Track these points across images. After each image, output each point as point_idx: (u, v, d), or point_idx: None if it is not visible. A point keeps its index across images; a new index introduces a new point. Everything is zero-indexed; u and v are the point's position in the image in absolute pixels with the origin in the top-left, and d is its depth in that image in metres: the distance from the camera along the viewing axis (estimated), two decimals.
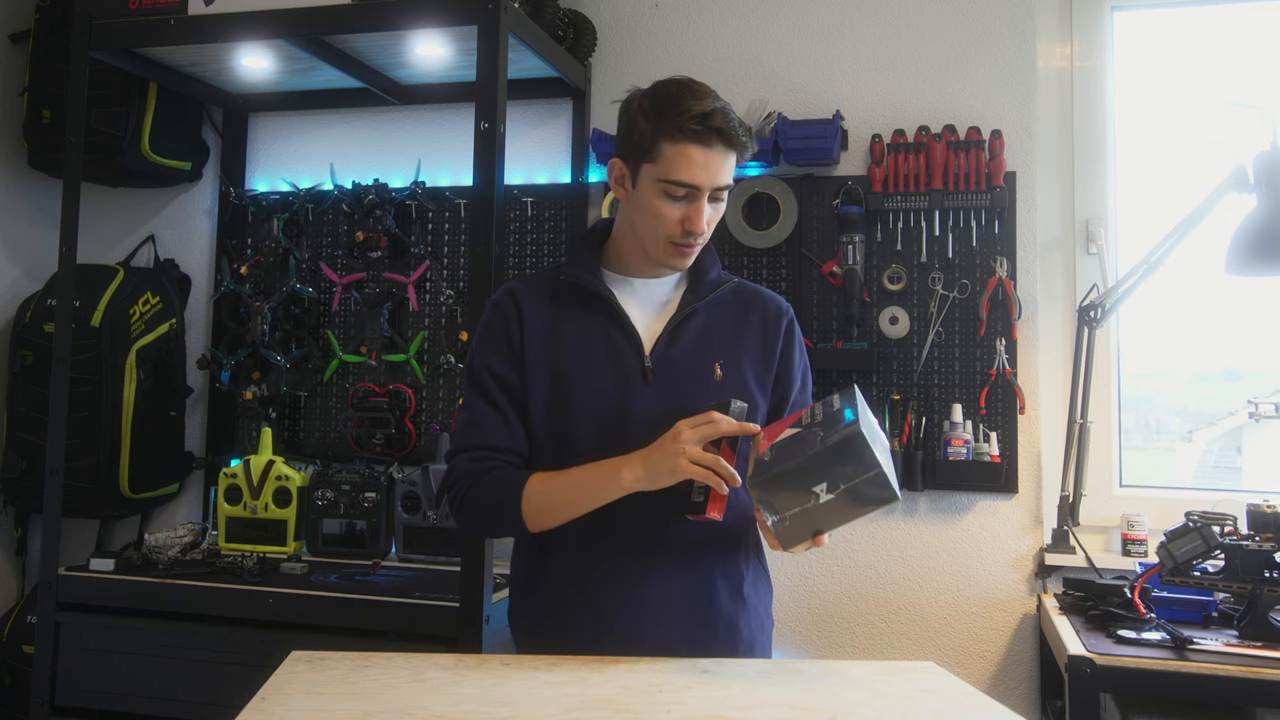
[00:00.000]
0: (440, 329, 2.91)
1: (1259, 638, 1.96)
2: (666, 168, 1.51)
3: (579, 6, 2.83)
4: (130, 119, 2.88)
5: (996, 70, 2.62)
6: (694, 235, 1.55)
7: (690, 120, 1.49)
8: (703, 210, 1.53)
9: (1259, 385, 2.60)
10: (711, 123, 1.49)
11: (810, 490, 1.36)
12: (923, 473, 2.56)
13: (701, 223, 1.54)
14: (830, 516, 1.38)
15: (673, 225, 1.54)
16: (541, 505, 1.54)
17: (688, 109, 1.50)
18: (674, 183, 1.51)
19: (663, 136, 1.51)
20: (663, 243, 1.57)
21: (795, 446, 1.39)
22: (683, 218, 1.54)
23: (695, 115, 1.49)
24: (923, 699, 1.34)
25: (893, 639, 2.60)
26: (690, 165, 1.50)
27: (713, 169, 1.51)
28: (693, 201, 1.53)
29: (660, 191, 1.53)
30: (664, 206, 1.54)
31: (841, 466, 1.35)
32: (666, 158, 1.51)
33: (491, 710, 1.25)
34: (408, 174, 2.94)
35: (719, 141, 1.51)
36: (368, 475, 2.66)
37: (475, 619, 2.10)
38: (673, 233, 1.55)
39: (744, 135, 1.53)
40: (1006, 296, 2.53)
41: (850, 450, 1.35)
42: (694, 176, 1.51)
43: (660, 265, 1.62)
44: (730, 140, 1.51)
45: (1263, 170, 2.19)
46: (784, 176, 2.68)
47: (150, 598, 2.36)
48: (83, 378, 2.74)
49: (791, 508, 1.38)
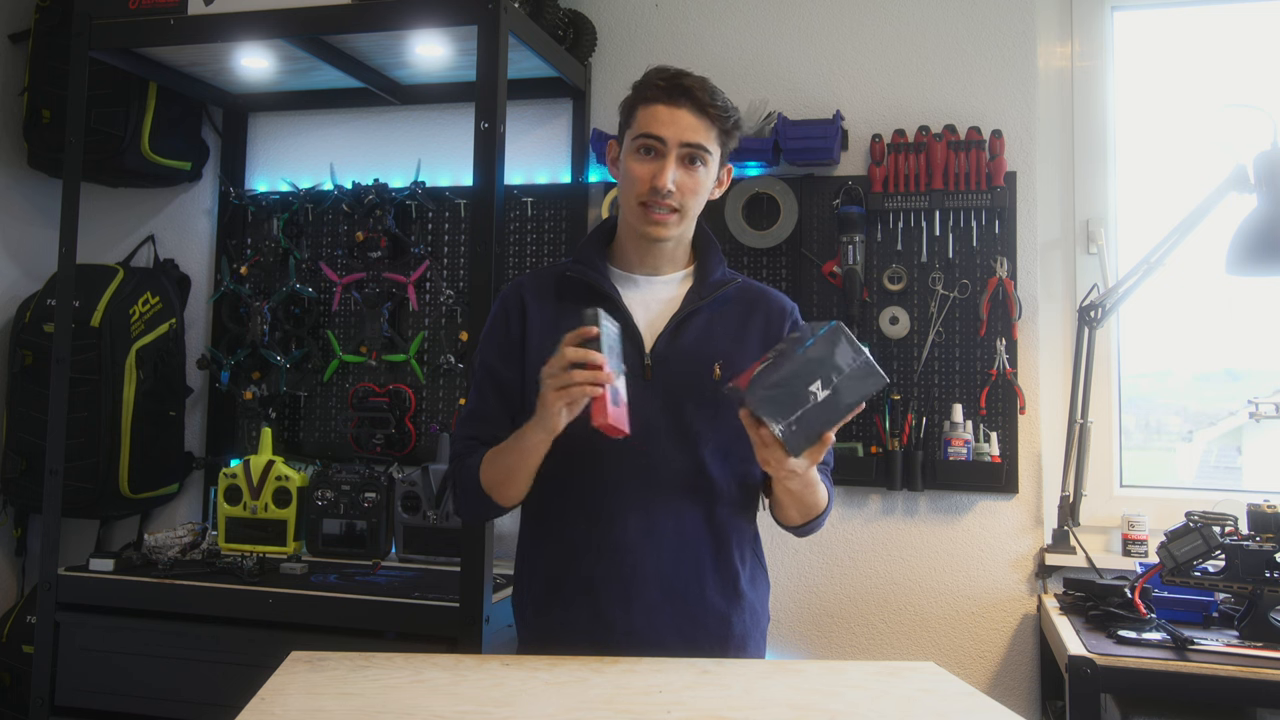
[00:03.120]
0: (440, 329, 2.91)
1: (1259, 638, 1.96)
2: (638, 126, 1.60)
3: (579, 6, 2.83)
4: (130, 119, 2.88)
5: (997, 70, 2.62)
6: (658, 192, 1.57)
7: (660, 78, 1.58)
8: (669, 167, 1.57)
9: (1259, 385, 2.60)
10: (680, 82, 1.57)
11: (807, 391, 1.44)
12: (923, 473, 2.56)
13: (666, 179, 1.56)
14: (830, 413, 1.45)
15: (643, 183, 1.58)
16: (492, 477, 1.61)
17: (663, 71, 1.60)
18: (642, 136, 1.58)
19: (639, 101, 1.61)
20: (635, 206, 1.60)
21: (780, 362, 1.46)
22: (651, 174, 1.57)
23: (663, 76, 1.59)
24: (923, 699, 1.34)
25: (893, 639, 2.60)
26: (656, 120, 1.57)
27: (678, 125, 1.56)
28: (660, 158, 1.57)
29: (633, 151, 1.60)
30: (635, 166, 1.59)
31: (832, 359, 1.44)
32: (638, 119, 1.60)
33: (491, 710, 1.25)
34: (408, 174, 2.94)
35: (686, 101, 1.57)
36: (368, 475, 2.66)
37: (475, 619, 2.10)
38: (641, 192, 1.58)
39: (717, 101, 1.58)
40: (1007, 296, 2.53)
41: (837, 343, 1.44)
42: (659, 129, 1.57)
43: (642, 239, 1.63)
44: (698, 103, 1.57)
45: (1263, 170, 2.19)
46: (784, 176, 2.68)
47: (150, 598, 2.36)
48: (82, 378, 2.74)
49: (794, 412, 1.43)
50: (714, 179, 1.64)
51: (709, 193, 1.64)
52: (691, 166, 1.59)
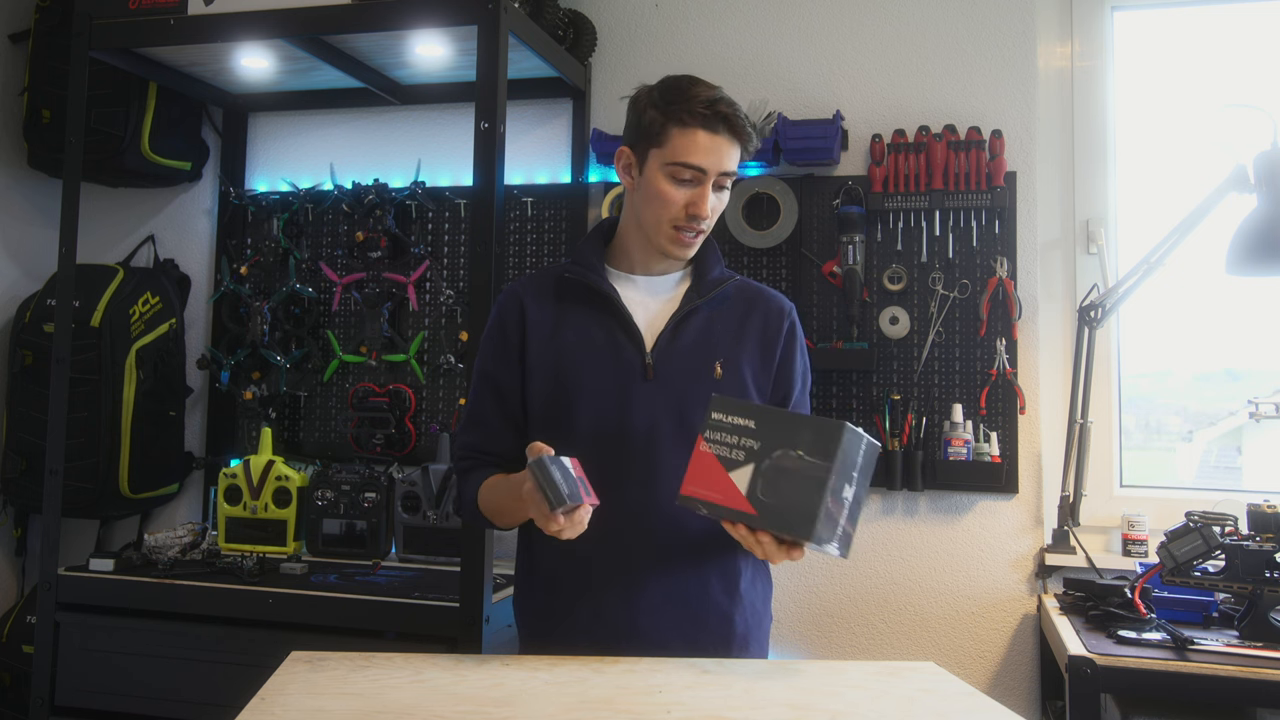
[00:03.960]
0: (440, 329, 2.91)
1: (1259, 638, 1.96)
2: (674, 151, 1.56)
3: (579, 6, 2.83)
4: (130, 119, 2.88)
5: (997, 70, 2.62)
6: (698, 220, 1.58)
7: (699, 105, 1.55)
8: (707, 195, 1.58)
9: (1259, 385, 2.60)
10: (719, 109, 1.55)
11: (840, 499, 1.34)
12: (923, 473, 2.56)
13: (705, 207, 1.57)
14: (862, 497, 1.38)
15: (677, 209, 1.58)
16: (489, 506, 1.65)
17: (696, 95, 1.56)
18: (681, 165, 1.56)
19: (672, 121, 1.56)
20: (666, 228, 1.60)
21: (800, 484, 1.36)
22: (688, 202, 1.58)
23: (703, 101, 1.55)
24: (923, 699, 1.34)
25: (893, 639, 2.60)
26: (697, 148, 1.55)
27: (719, 154, 1.56)
28: (698, 185, 1.57)
29: (667, 175, 1.58)
30: (670, 190, 1.57)
31: (852, 459, 1.35)
32: (674, 142, 1.56)
33: (491, 710, 1.25)
34: (408, 174, 2.94)
35: (725, 129, 1.56)
36: (368, 475, 2.65)
37: (475, 619, 2.10)
38: (677, 216, 1.58)
39: (749, 127, 1.58)
40: (1007, 296, 2.53)
41: (852, 444, 1.35)
42: (701, 159, 1.55)
43: (663, 255, 1.64)
44: (735, 129, 1.56)
45: (1263, 170, 2.19)
46: (784, 176, 2.68)
47: (150, 598, 2.36)
48: (82, 378, 2.74)
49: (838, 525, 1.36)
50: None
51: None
52: (721, 190, 1.61)
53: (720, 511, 1.40)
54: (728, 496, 1.39)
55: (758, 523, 1.38)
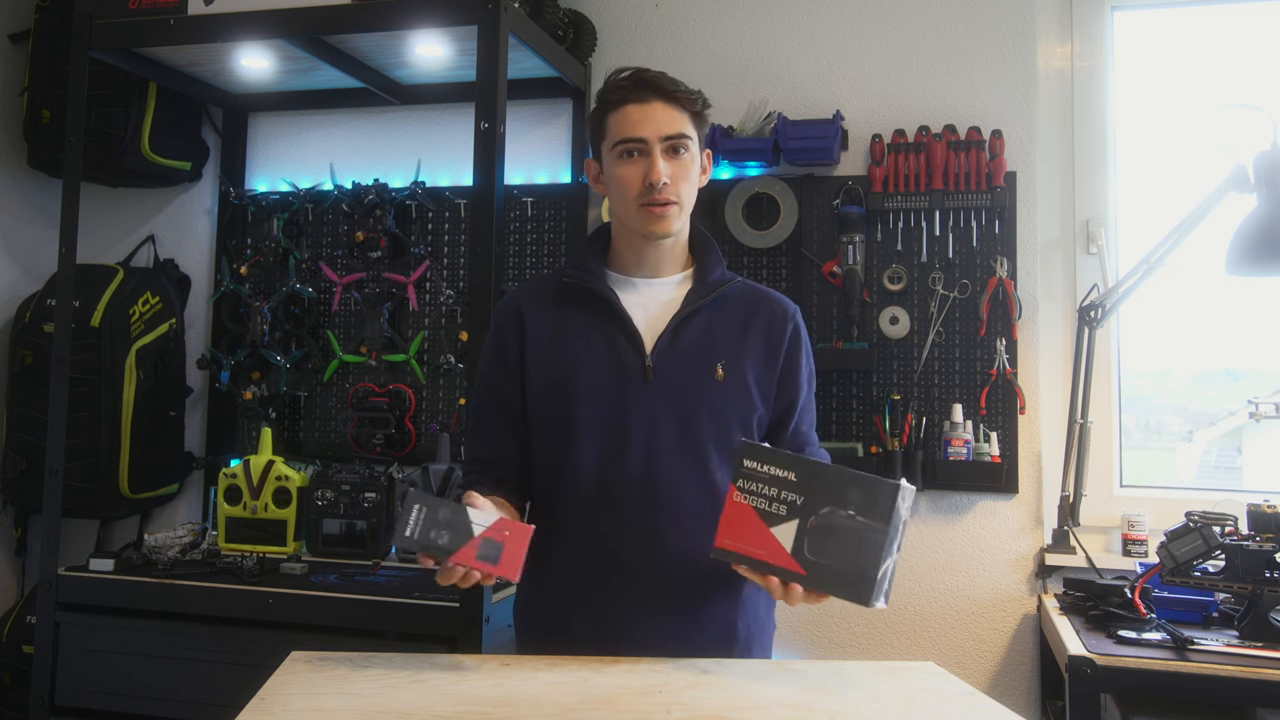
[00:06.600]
0: (440, 329, 2.90)
1: (1259, 638, 1.96)
2: (615, 134, 1.60)
3: (579, 6, 2.83)
4: (130, 119, 2.88)
5: (997, 70, 2.62)
6: (654, 187, 1.57)
7: (622, 82, 1.60)
8: (657, 161, 1.57)
9: (1259, 385, 2.60)
10: (642, 78, 1.59)
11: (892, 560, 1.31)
12: (923, 473, 2.56)
13: (658, 172, 1.57)
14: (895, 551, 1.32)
15: (637, 185, 1.59)
16: None
17: (618, 76, 1.61)
18: (622, 142, 1.59)
19: (606, 110, 1.61)
20: (634, 208, 1.60)
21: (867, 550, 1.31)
22: (642, 175, 1.58)
23: (625, 77, 1.60)
24: (923, 699, 1.34)
25: (893, 639, 2.60)
26: (630, 122, 1.58)
27: (654, 120, 1.58)
28: (646, 156, 1.58)
29: (617, 158, 1.60)
30: (624, 170, 1.59)
31: (900, 523, 1.31)
32: (612, 127, 1.60)
33: (491, 710, 1.25)
34: (408, 174, 2.94)
35: (653, 94, 1.58)
36: (368, 475, 2.65)
37: (475, 619, 2.10)
38: (639, 193, 1.59)
39: (680, 87, 1.60)
40: (1007, 296, 2.53)
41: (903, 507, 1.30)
42: (636, 130, 1.58)
43: (646, 239, 1.63)
44: (664, 92, 1.58)
45: (1263, 170, 2.19)
46: (784, 176, 2.68)
47: (150, 598, 2.36)
48: (82, 378, 2.74)
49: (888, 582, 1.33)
50: (699, 165, 1.65)
51: (698, 180, 1.65)
52: (677, 156, 1.60)
53: (763, 568, 1.35)
54: (771, 553, 1.34)
55: (808, 583, 1.33)
